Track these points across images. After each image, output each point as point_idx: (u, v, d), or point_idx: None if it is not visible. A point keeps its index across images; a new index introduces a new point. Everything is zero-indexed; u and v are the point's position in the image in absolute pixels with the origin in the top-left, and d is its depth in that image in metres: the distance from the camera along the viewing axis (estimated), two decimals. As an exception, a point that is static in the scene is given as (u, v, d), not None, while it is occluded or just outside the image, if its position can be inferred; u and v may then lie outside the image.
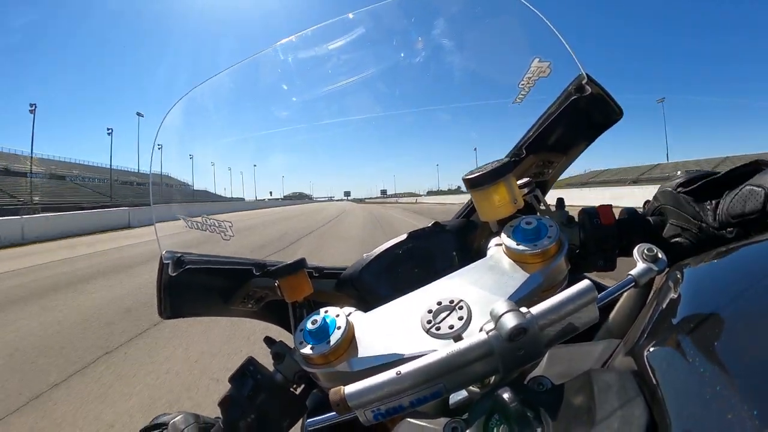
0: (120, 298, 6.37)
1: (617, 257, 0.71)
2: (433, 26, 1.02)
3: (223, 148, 1.11)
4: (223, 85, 0.99)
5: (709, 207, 0.67)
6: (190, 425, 0.62)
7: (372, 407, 0.44)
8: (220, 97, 1.02)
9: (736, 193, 0.63)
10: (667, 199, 0.71)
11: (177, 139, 0.94)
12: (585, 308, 0.46)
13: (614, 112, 0.79)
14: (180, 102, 0.89)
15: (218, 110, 1.04)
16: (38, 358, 4.16)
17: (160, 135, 0.83)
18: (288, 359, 0.65)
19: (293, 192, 6.00)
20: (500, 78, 0.99)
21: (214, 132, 1.08)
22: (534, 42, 0.85)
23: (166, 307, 0.77)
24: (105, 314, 5.53)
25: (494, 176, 0.64)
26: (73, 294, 6.91)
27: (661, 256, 0.56)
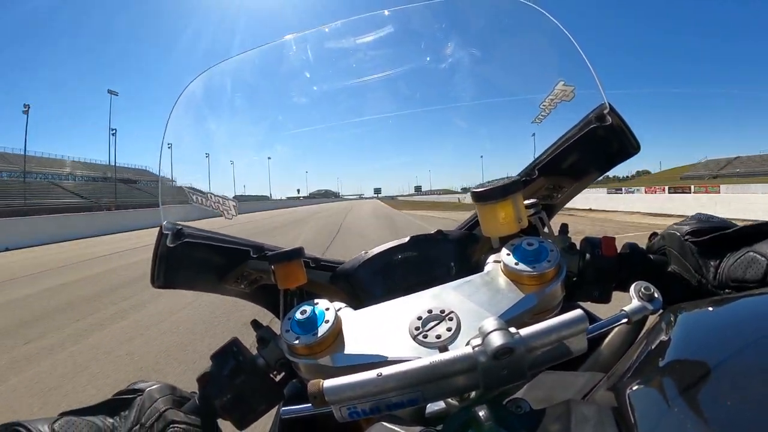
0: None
1: (613, 291, 0.71)
2: (463, 34, 1.02)
3: (242, 144, 1.10)
4: (241, 71, 0.98)
5: (712, 263, 0.66)
6: (166, 396, 0.61)
7: (349, 405, 0.45)
8: (237, 84, 1.01)
9: (739, 257, 0.63)
10: (673, 243, 0.70)
11: (189, 130, 0.92)
12: (574, 337, 0.45)
13: (632, 145, 0.78)
14: (196, 83, 0.88)
15: (235, 101, 1.02)
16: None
17: (170, 129, 0.81)
18: (272, 345, 0.65)
19: (318, 190, 5.96)
20: (523, 95, 0.98)
21: (231, 127, 1.07)
22: (560, 64, 0.85)
23: (159, 276, 0.77)
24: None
25: (503, 193, 0.63)
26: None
27: (657, 296, 0.55)
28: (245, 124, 1.08)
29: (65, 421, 0.53)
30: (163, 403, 0.60)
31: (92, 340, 4.73)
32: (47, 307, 6.36)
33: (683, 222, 0.72)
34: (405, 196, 25.50)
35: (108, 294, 7.03)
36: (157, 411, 0.58)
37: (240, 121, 1.06)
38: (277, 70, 1.02)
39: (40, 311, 6.11)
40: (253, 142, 1.10)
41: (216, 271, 0.84)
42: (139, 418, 0.58)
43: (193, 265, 0.81)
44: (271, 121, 1.09)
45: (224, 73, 0.96)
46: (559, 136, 0.85)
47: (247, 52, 0.96)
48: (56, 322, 5.50)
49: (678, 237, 0.69)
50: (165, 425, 0.57)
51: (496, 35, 1.00)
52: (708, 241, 0.66)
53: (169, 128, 0.81)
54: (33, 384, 3.67)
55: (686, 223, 0.71)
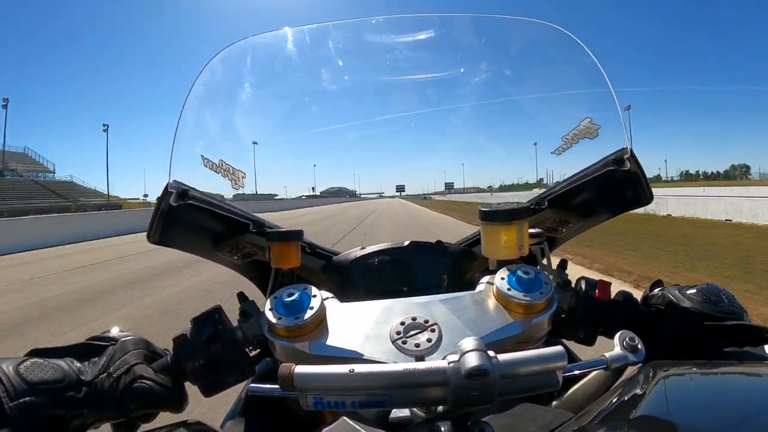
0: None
1: (599, 335, 0.70)
2: (502, 53, 1.02)
3: (260, 124, 1.07)
4: (273, 48, 0.97)
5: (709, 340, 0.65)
6: (139, 350, 0.62)
7: (315, 394, 0.45)
8: (267, 61, 1.00)
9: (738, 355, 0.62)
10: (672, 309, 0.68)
11: (212, 100, 0.91)
12: (550, 372, 0.46)
13: (645, 195, 0.78)
14: (227, 52, 0.87)
15: (263, 78, 1.01)
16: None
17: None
18: (253, 320, 0.65)
19: (331, 187, 5.65)
20: (547, 123, 0.98)
21: (253, 103, 1.04)
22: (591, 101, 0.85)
23: (156, 232, 0.77)
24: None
25: (509, 217, 0.64)
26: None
27: (640, 348, 0.55)
28: (267, 103, 1.07)
29: (32, 363, 0.53)
30: (134, 357, 0.60)
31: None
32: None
33: (691, 288, 0.70)
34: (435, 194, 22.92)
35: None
36: (127, 363, 0.59)
37: (263, 99, 1.05)
38: (310, 54, 1.02)
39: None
40: (272, 123, 1.09)
41: (213, 238, 0.85)
42: (108, 366, 0.58)
43: (192, 228, 0.81)
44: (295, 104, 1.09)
45: (256, 47, 0.95)
46: (576, 172, 0.84)
47: (281, 30, 0.95)
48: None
49: (680, 308, 0.66)
50: (132, 379, 0.57)
51: (534, 61, 1.00)
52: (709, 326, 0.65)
53: (192, 93, 0.81)
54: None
55: (693, 295, 0.69)
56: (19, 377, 0.50)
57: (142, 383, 0.57)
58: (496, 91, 1.03)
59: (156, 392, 0.58)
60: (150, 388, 0.58)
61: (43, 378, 0.51)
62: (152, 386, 0.58)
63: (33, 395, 0.50)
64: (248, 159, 0.94)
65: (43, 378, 0.51)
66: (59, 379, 0.53)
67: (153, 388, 0.58)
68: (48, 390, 0.51)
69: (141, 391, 0.57)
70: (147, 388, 0.57)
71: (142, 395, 0.57)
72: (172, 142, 0.77)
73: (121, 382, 0.57)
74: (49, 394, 0.51)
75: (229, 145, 0.91)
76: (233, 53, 0.90)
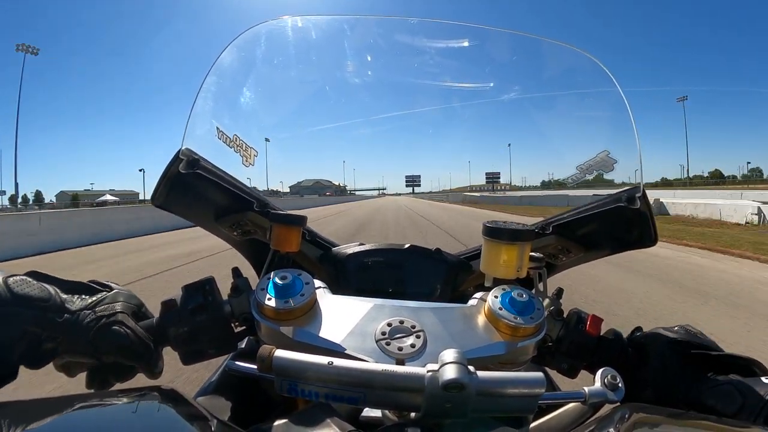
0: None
1: (582, 369, 0.70)
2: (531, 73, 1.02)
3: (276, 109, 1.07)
4: (303, 32, 0.96)
5: (688, 378, 0.64)
6: (130, 304, 0.63)
7: (291, 380, 0.45)
8: (294, 44, 0.98)
9: (717, 385, 0.61)
10: (656, 346, 0.68)
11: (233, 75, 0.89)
12: (527, 397, 0.45)
13: (650, 237, 0.78)
14: (255, 30, 0.87)
15: (286, 61, 1.00)
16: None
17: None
18: (243, 297, 0.66)
19: (306, 179, 4.91)
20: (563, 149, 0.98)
21: (273, 86, 1.03)
22: (611, 134, 0.85)
23: (161, 196, 0.78)
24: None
25: (513, 236, 0.64)
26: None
27: (621, 387, 0.55)
28: (287, 88, 1.07)
29: (21, 279, 0.55)
30: (121, 307, 0.61)
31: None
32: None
33: (670, 328, 0.71)
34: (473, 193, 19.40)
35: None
36: (113, 309, 0.60)
37: (284, 84, 1.05)
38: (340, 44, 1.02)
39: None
40: (289, 110, 1.09)
41: (215, 211, 0.85)
42: (95, 306, 0.59)
43: (196, 197, 0.81)
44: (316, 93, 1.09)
45: (287, 29, 0.95)
46: (585, 204, 0.84)
47: (314, 16, 0.96)
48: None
49: (664, 341, 0.68)
50: (112, 322, 0.58)
51: (562, 86, 0.99)
52: (691, 356, 0.65)
53: (216, 65, 0.81)
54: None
55: (673, 331, 0.69)
56: (6, 287, 0.52)
57: (119, 329, 0.58)
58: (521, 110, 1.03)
59: (131, 342, 0.59)
60: (126, 335, 0.58)
61: (28, 293, 0.54)
62: (129, 335, 0.59)
63: (15, 306, 0.52)
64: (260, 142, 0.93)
65: (28, 293, 0.54)
66: (44, 298, 0.55)
67: (129, 336, 0.59)
68: (30, 306, 0.53)
69: (117, 334, 0.58)
70: (123, 334, 0.58)
71: (116, 339, 0.58)
72: (190, 109, 0.77)
73: (100, 321, 0.58)
74: (30, 310, 0.53)
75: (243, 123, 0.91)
76: (264, 31, 0.90)
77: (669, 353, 0.66)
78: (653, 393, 0.65)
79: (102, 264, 8.94)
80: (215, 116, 0.83)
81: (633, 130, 0.77)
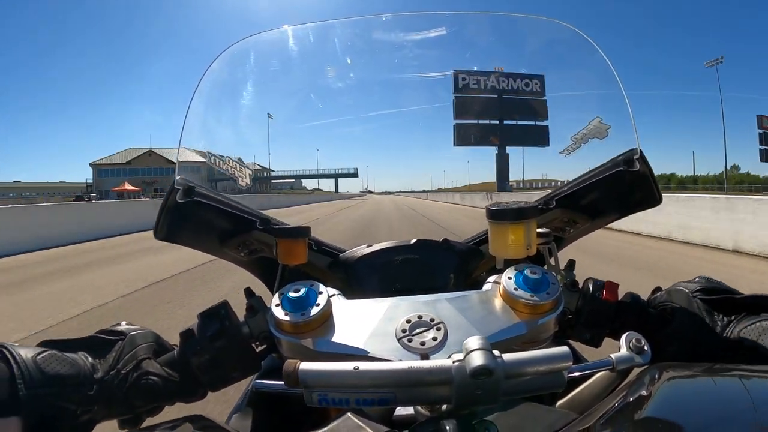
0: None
1: (605, 336, 0.70)
2: (513, 51, 1.01)
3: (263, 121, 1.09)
4: (278, 45, 0.97)
5: (719, 322, 0.65)
6: (147, 344, 0.62)
7: (320, 391, 0.45)
8: (273, 59, 1.00)
9: (755, 321, 0.61)
10: (680, 299, 0.68)
11: (216, 98, 0.91)
12: (555, 373, 0.45)
13: (653, 197, 0.77)
14: (230, 51, 0.87)
15: (267, 75, 1.01)
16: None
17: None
18: (259, 316, 0.66)
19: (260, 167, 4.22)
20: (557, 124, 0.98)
21: (259, 100, 1.04)
22: (601, 101, 0.84)
23: (162, 229, 0.78)
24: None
25: (517, 216, 0.63)
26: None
27: (646, 350, 0.54)
28: (271, 101, 1.07)
29: (50, 354, 0.53)
30: (142, 351, 0.61)
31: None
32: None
33: (690, 281, 0.70)
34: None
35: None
36: (135, 359, 0.59)
37: (268, 97, 1.06)
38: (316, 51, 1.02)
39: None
40: (277, 121, 1.10)
41: (219, 235, 0.85)
42: (117, 362, 0.59)
43: (198, 225, 0.81)
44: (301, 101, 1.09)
45: (261, 44, 0.96)
46: (584, 172, 0.84)
47: (284, 28, 0.95)
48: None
49: (686, 293, 0.67)
50: (139, 375, 0.58)
51: (545, 60, 0.99)
52: (719, 300, 0.65)
53: (198, 92, 0.81)
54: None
55: (694, 282, 0.69)
56: (36, 367, 0.51)
57: (148, 379, 0.58)
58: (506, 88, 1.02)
59: (162, 387, 0.59)
60: (156, 384, 0.58)
61: (59, 372, 0.52)
62: (158, 382, 0.59)
63: (48, 387, 0.51)
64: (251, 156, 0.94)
65: (59, 372, 0.52)
66: (74, 374, 0.54)
67: (159, 383, 0.59)
68: (62, 384, 0.52)
69: (147, 387, 0.58)
70: (153, 384, 0.58)
71: (148, 392, 0.58)
72: (179, 140, 0.77)
73: (129, 378, 0.58)
74: (63, 388, 0.52)
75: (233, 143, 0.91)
76: (238, 50, 0.90)
77: (694, 301, 0.66)
78: (681, 349, 0.65)
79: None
80: (204, 143, 0.83)
81: (622, 94, 0.77)
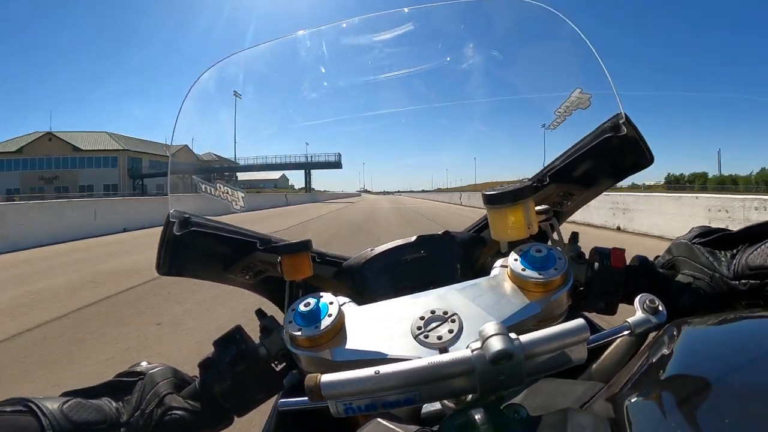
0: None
1: (619, 303, 0.70)
2: (482, 36, 1.01)
3: (250, 140, 1.10)
4: (254, 63, 0.98)
5: (723, 258, 0.66)
6: (167, 379, 0.62)
7: (344, 400, 0.45)
8: (250, 77, 1.01)
9: (759, 247, 0.62)
10: (681, 251, 0.70)
11: (200, 121, 0.93)
12: (575, 346, 0.45)
13: (645, 157, 0.77)
14: (209, 73, 0.88)
15: (247, 94, 1.02)
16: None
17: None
18: (274, 335, 0.66)
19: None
20: (539, 100, 0.98)
21: (241, 120, 1.06)
22: (579, 71, 0.84)
23: (164, 264, 0.78)
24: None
25: (514, 197, 0.63)
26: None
27: (661, 309, 0.55)
28: (255, 119, 1.08)
29: (75, 403, 0.54)
30: (163, 387, 0.61)
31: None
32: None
33: (686, 233, 0.72)
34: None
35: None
36: (157, 396, 0.60)
37: (250, 115, 1.07)
38: (291, 64, 1.02)
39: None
40: (262, 136, 1.11)
41: (222, 261, 0.85)
42: (140, 403, 0.59)
43: (199, 254, 0.81)
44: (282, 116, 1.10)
45: (238, 64, 0.96)
46: (573, 143, 0.84)
47: (261, 45, 0.96)
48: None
49: (685, 243, 0.69)
50: (163, 411, 0.58)
51: (515, 39, 0.99)
52: (718, 239, 0.67)
53: (180, 118, 0.81)
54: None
55: (690, 232, 0.71)
56: (64, 417, 0.52)
57: (173, 414, 0.59)
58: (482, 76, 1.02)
59: (188, 420, 0.59)
60: (181, 417, 0.59)
61: (86, 419, 0.53)
62: (183, 415, 0.59)
63: None
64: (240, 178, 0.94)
65: (86, 419, 0.53)
66: (101, 420, 0.55)
67: (185, 417, 0.59)
68: (91, 431, 0.53)
69: (173, 422, 0.58)
70: (178, 418, 0.58)
71: (174, 427, 0.58)
72: (168, 171, 0.77)
73: (154, 416, 0.58)
74: None
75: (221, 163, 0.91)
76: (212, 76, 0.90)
77: (696, 247, 0.67)
78: (694, 297, 0.65)
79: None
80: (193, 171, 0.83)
81: (598, 61, 0.77)
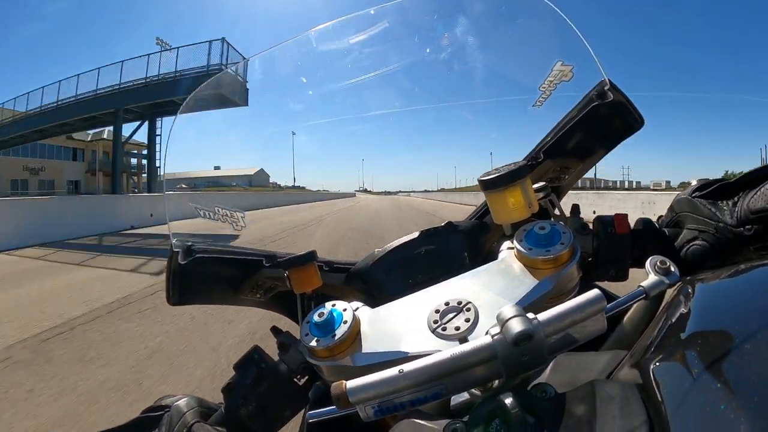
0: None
1: (629, 268, 0.70)
2: (456, 23, 1.01)
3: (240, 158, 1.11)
4: (237, 80, 0.99)
5: (725, 207, 0.66)
6: (193, 409, 0.62)
7: (373, 403, 0.45)
8: (235, 92, 1.02)
9: (758, 190, 0.62)
10: (683, 206, 0.70)
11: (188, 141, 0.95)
12: (593, 318, 0.45)
13: (635, 120, 0.77)
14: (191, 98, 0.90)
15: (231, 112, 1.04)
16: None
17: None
18: (293, 350, 0.66)
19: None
20: (521, 79, 0.98)
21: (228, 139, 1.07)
22: (557, 45, 0.84)
23: (174, 294, 0.78)
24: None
25: (510, 179, 0.63)
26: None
27: (673, 269, 0.54)
28: (240, 138, 1.09)
29: None
30: (190, 417, 0.61)
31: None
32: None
33: (686, 189, 0.72)
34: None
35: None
36: (185, 426, 0.60)
37: (235, 133, 1.08)
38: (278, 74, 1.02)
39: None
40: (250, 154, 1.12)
41: (230, 284, 0.85)
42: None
43: (207, 280, 0.81)
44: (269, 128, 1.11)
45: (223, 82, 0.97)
46: (562, 117, 0.84)
47: (250, 58, 0.97)
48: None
49: (686, 198, 0.69)
50: None
51: (489, 22, 0.99)
52: (718, 189, 0.67)
53: (168, 153, 0.82)
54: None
55: (690, 187, 0.71)
56: None
57: None
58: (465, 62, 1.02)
59: None
60: None
61: None
62: None
63: None
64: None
65: None
66: None
67: None
68: None
69: None
70: None
71: None
72: (164, 201, 0.77)
73: None
74: None
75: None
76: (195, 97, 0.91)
77: (696, 201, 0.67)
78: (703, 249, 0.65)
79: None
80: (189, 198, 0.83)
81: (574, 31, 0.77)
